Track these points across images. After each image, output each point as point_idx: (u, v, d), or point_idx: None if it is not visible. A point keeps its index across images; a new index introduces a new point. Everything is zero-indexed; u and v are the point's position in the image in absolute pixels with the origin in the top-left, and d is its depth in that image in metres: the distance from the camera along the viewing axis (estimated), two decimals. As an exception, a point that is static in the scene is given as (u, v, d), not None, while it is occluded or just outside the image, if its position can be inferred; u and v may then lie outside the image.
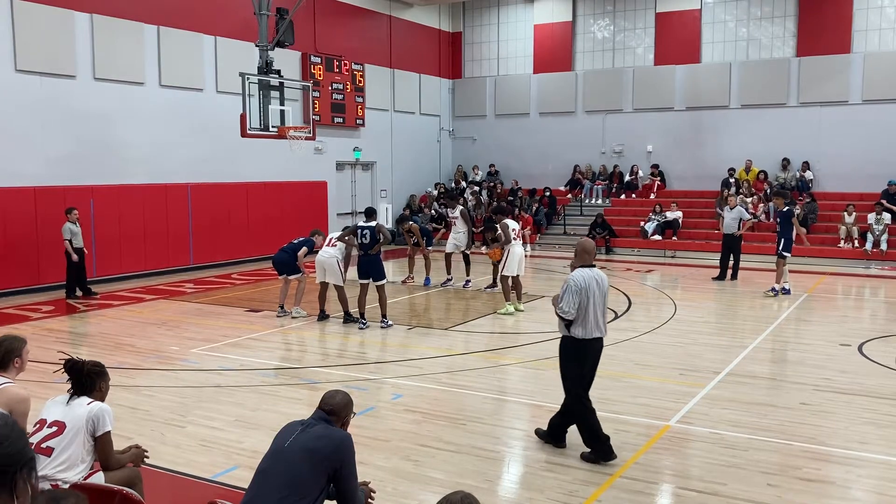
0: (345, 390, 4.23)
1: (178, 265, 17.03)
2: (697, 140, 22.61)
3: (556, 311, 6.10)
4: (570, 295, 6.01)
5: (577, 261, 6.26)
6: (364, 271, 11.18)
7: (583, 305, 6.00)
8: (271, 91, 14.48)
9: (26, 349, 4.56)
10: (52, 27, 14.66)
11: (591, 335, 6.11)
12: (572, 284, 6.03)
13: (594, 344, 6.18)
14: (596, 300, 6.07)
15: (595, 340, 6.16)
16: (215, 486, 5.59)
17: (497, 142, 25.63)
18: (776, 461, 6.08)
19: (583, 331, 6.08)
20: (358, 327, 11.22)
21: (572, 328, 6.10)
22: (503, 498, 5.55)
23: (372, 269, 11.14)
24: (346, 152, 21.95)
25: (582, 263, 6.20)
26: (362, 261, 11.19)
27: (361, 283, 11.25)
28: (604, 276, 6.29)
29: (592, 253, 6.34)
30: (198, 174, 17.46)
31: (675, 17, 22.77)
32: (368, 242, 11.05)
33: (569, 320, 6.05)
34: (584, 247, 6.31)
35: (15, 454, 1.83)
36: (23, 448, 1.86)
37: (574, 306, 5.98)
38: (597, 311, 6.10)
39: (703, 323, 11.81)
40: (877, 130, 20.15)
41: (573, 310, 5.99)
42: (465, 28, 26.30)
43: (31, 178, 14.44)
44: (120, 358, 9.39)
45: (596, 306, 6.08)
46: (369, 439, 6.45)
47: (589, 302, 6.02)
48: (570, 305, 5.99)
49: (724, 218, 15.93)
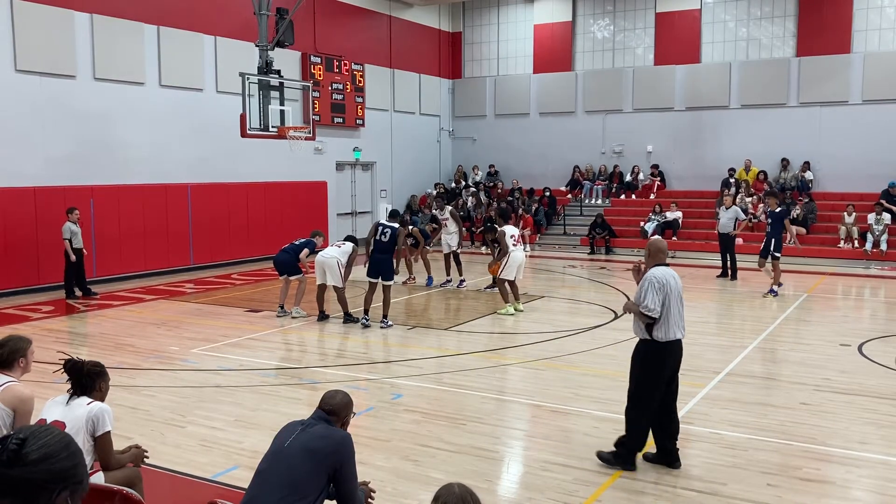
0: (344, 390, 4.23)
1: (178, 265, 17.03)
2: (697, 140, 22.61)
3: (639, 311, 5.79)
4: (653, 292, 5.74)
5: (651, 260, 6.03)
6: (375, 270, 11.17)
7: (665, 304, 5.77)
8: (271, 91, 14.48)
9: (31, 350, 4.58)
10: (52, 27, 14.66)
11: (674, 336, 5.87)
12: (654, 281, 5.77)
13: (675, 346, 5.93)
14: (675, 299, 5.86)
15: (676, 343, 5.92)
16: (215, 486, 5.59)
17: (497, 142, 25.63)
18: (776, 461, 6.08)
19: (664, 332, 5.81)
20: (361, 325, 11.22)
21: (654, 330, 5.81)
22: (503, 498, 5.55)
23: (383, 269, 11.14)
24: (346, 152, 21.95)
25: (656, 262, 5.98)
26: (376, 259, 11.15)
27: (371, 282, 11.23)
28: (678, 275, 6.10)
29: (666, 252, 6.16)
30: (198, 174, 17.46)
31: (675, 17, 22.77)
32: (387, 241, 11.09)
33: (652, 319, 5.77)
34: (658, 246, 6.12)
35: (59, 472, 1.82)
36: (69, 469, 1.85)
37: (658, 303, 5.73)
38: (678, 310, 5.89)
39: (703, 323, 11.81)
40: (877, 130, 20.15)
41: (658, 307, 5.73)
42: (465, 28, 26.30)
43: (31, 178, 14.44)
44: (120, 358, 9.38)
45: (676, 305, 5.86)
46: (369, 439, 6.45)
47: (670, 300, 5.80)
48: (654, 303, 5.73)
49: (719, 218, 16.04)
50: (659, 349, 5.86)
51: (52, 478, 1.80)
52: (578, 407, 7.48)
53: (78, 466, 1.89)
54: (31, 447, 1.80)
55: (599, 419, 7.08)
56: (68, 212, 13.71)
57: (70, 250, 13.60)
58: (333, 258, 11.34)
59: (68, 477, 1.84)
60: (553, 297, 14.01)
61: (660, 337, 5.83)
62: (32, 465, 1.78)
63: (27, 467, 1.77)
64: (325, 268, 11.39)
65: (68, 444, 1.90)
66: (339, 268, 11.33)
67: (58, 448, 1.85)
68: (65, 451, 1.87)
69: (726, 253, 16.01)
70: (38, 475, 1.78)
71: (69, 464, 1.86)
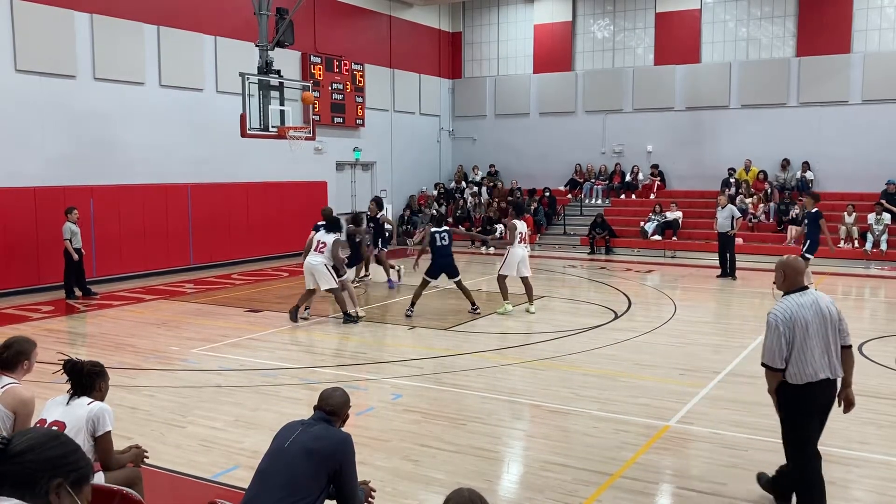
0: (342, 388, 4.24)
1: (178, 265, 17.03)
2: (697, 140, 22.61)
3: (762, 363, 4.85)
4: (772, 336, 4.72)
5: (785, 284, 4.92)
6: (440, 270, 12.05)
7: (796, 344, 4.69)
8: (271, 91, 14.48)
9: (35, 352, 4.61)
10: (52, 27, 14.66)
11: (812, 377, 4.73)
12: (774, 322, 4.73)
13: (816, 389, 4.76)
14: (813, 332, 4.71)
15: (817, 385, 4.75)
16: (215, 486, 5.59)
17: (497, 142, 25.63)
18: (776, 461, 6.06)
19: (798, 373, 4.74)
20: (406, 315, 11.87)
21: (786, 372, 4.80)
22: (503, 498, 5.55)
23: (449, 268, 12.09)
24: (346, 152, 21.95)
25: (792, 288, 4.89)
26: (442, 262, 12.02)
27: (428, 280, 12.06)
28: (825, 298, 4.89)
29: (804, 273, 4.99)
30: (198, 174, 17.46)
31: (675, 17, 22.77)
32: (448, 244, 12.04)
33: (777, 369, 4.76)
34: (796, 267, 4.94)
35: (48, 461, 1.91)
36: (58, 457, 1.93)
37: (781, 352, 4.69)
38: (821, 347, 4.73)
39: (703, 323, 11.81)
40: (877, 130, 20.15)
41: (779, 357, 4.71)
42: (465, 28, 26.29)
43: (31, 178, 14.44)
44: (120, 358, 9.39)
45: (815, 339, 4.71)
46: (369, 439, 6.45)
47: (805, 336, 4.69)
48: (773, 351, 4.71)
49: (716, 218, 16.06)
50: (795, 392, 4.81)
51: (40, 466, 1.89)
52: (578, 407, 7.48)
53: (70, 454, 1.96)
54: (15, 443, 1.91)
55: (599, 419, 7.08)
56: (67, 212, 13.71)
57: (72, 250, 13.60)
58: (320, 262, 11.35)
59: (59, 465, 1.92)
60: (553, 297, 14.01)
61: (792, 378, 4.78)
62: (19, 456, 1.89)
63: (14, 459, 1.88)
64: (313, 273, 11.40)
65: (56, 436, 2.00)
66: (330, 271, 11.36)
67: (43, 439, 1.95)
68: (52, 441, 1.96)
69: (725, 253, 16.03)
70: (27, 466, 1.88)
71: (58, 452, 1.94)
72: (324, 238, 11.48)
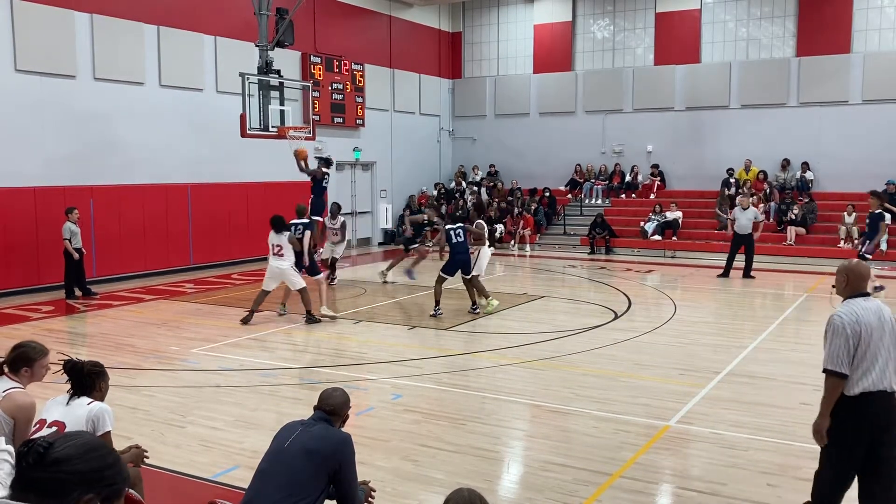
0: (341, 388, 4.24)
1: (178, 265, 17.03)
2: (697, 140, 22.61)
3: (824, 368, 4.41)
4: (838, 340, 4.36)
5: (847, 289, 4.57)
6: (455, 267, 12.12)
7: (859, 349, 4.33)
8: (271, 91, 14.47)
9: (42, 361, 4.46)
10: (52, 27, 14.66)
11: (870, 388, 4.32)
12: (839, 324, 4.39)
13: (871, 400, 4.33)
14: (877, 339, 4.36)
15: (873, 397, 4.32)
16: (215, 486, 5.59)
17: (497, 142, 25.63)
18: (776, 461, 6.07)
19: (855, 382, 4.33)
20: (431, 314, 11.99)
21: (847, 384, 4.35)
22: (503, 498, 5.55)
23: (465, 265, 12.14)
24: (346, 152, 21.94)
25: (853, 293, 4.55)
26: (458, 259, 12.09)
27: (445, 277, 12.14)
28: (887, 308, 4.57)
29: (867, 278, 4.65)
30: (198, 174, 17.46)
31: (675, 17, 22.77)
32: (464, 241, 12.10)
33: (842, 375, 4.33)
34: (859, 271, 4.57)
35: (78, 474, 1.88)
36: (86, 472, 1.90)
37: (846, 356, 4.31)
38: (884, 356, 4.37)
39: (703, 323, 11.81)
40: (877, 130, 20.15)
41: (845, 362, 4.32)
42: (465, 28, 26.29)
43: (31, 178, 14.44)
44: (120, 358, 9.38)
45: (877, 347, 4.36)
46: (369, 439, 6.45)
47: (868, 343, 4.34)
48: (839, 356, 4.32)
49: (737, 219, 16.04)
50: (845, 405, 4.38)
51: (75, 479, 1.87)
52: (578, 407, 7.48)
53: (106, 469, 1.93)
54: (56, 449, 1.89)
55: (599, 419, 7.08)
56: (67, 212, 13.71)
57: (72, 249, 13.60)
58: (287, 266, 11.44)
59: (94, 480, 1.90)
60: (553, 297, 14.01)
61: (848, 387, 4.35)
62: (55, 465, 1.87)
63: (50, 467, 1.86)
64: (282, 276, 11.51)
65: (96, 447, 1.96)
66: (294, 272, 11.49)
67: (83, 449, 1.92)
68: (91, 452, 1.93)
69: (736, 254, 15.99)
70: (61, 476, 1.86)
71: (95, 465, 1.91)
72: (277, 241, 11.57)
